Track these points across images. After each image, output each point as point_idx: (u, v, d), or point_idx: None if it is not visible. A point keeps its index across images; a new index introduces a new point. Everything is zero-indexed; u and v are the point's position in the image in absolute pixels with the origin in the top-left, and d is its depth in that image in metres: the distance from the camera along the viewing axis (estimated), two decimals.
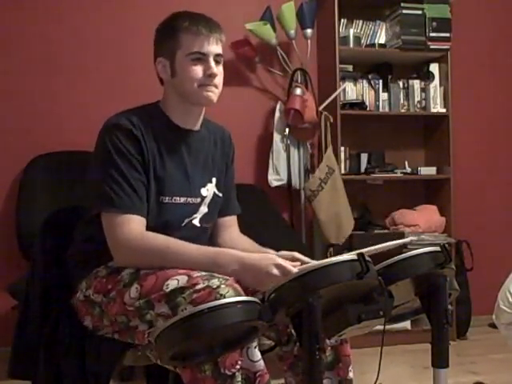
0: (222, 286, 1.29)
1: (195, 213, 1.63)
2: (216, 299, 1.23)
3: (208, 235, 1.72)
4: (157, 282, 1.38)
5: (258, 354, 1.29)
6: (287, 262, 1.39)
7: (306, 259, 1.53)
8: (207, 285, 1.30)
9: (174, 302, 1.31)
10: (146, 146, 1.53)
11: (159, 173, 1.55)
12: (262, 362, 1.29)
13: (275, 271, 1.36)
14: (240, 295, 1.29)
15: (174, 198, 1.57)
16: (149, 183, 1.53)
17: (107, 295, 1.48)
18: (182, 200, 1.59)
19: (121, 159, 1.50)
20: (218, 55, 1.59)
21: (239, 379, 1.24)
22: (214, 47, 1.57)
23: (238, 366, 1.25)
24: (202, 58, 1.56)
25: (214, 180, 1.69)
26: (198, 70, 1.55)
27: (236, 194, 1.84)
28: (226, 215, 1.78)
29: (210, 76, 1.56)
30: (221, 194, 1.72)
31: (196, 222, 1.64)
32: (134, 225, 1.48)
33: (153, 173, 1.54)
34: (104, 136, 1.53)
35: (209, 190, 1.67)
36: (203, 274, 1.36)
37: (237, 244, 1.72)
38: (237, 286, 1.33)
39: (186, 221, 1.61)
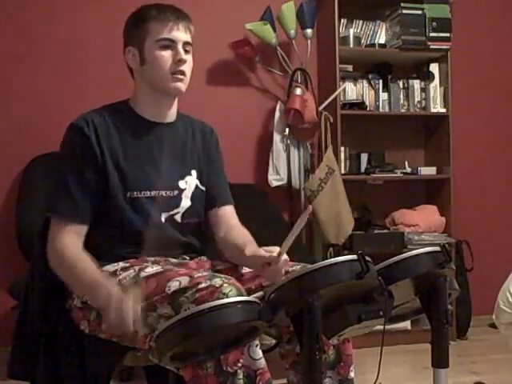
0: (225, 284, 1.29)
1: (176, 207, 1.62)
2: (219, 298, 1.23)
3: (193, 232, 1.69)
4: (158, 285, 1.37)
5: (259, 353, 1.29)
6: (129, 307, 1.30)
7: (268, 257, 1.44)
8: (210, 284, 1.30)
9: (176, 302, 1.31)
10: (99, 143, 1.54)
11: (124, 169, 1.55)
12: (263, 361, 1.29)
13: (112, 315, 1.32)
14: (242, 294, 1.29)
15: (143, 192, 1.56)
16: (107, 182, 1.53)
17: None
18: (154, 193, 1.57)
19: (64, 163, 1.55)
20: (186, 43, 1.59)
21: (241, 377, 1.24)
22: (183, 34, 1.58)
23: (239, 364, 1.25)
24: (170, 45, 1.56)
25: (193, 172, 1.68)
26: (167, 56, 1.56)
27: (228, 186, 1.81)
28: (220, 205, 1.74)
29: (178, 61, 1.56)
30: (203, 188, 1.70)
31: (178, 217, 1.63)
32: (69, 234, 1.50)
33: (115, 169, 1.54)
34: (63, 139, 1.58)
35: (188, 182, 1.65)
36: (205, 273, 1.36)
37: (232, 236, 1.68)
38: (239, 284, 1.33)
39: (166, 216, 1.60)
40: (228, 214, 1.75)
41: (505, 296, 2.10)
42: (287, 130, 3.27)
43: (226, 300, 1.13)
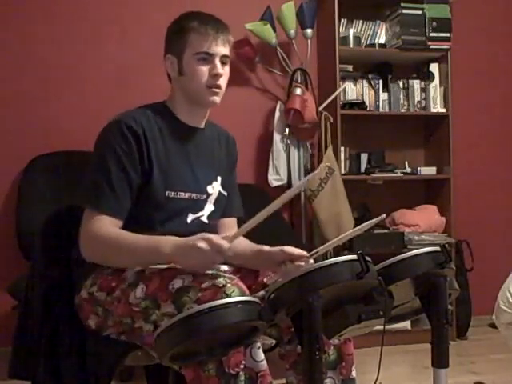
0: (228, 284, 1.30)
1: (201, 210, 1.64)
2: (222, 298, 1.23)
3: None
4: (162, 282, 1.38)
5: (261, 355, 1.29)
6: (218, 237, 1.37)
7: (297, 251, 1.52)
8: (213, 284, 1.30)
9: (179, 301, 1.32)
10: (146, 142, 1.55)
11: (165, 167, 1.57)
12: (264, 363, 1.28)
13: (202, 244, 1.33)
14: (245, 294, 1.29)
15: (179, 193, 1.58)
16: (150, 179, 1.54)
17: (111, 294, 1.48)
18: (187, 195, 1.60)
19: (110, 157, 1.52)
20: (224, 56, 1.61)
21: (242, 379, 1.24)
22: (221, 48, 1.60)
23: (241, 366, 1.25)
24: (208, 59, 1.58)
25: (219, 179, 1.71)
26: (204, 70, 1.58)
27: (240, 196, 1.86)
28: (227, 216, 1.79)
29: (215, 76, 1.58)
30: (226, 193, 1.73)
31: (204, 219, 1.65)
32: (108, 226, 1.49)
33: (158, 168, 1.55)
34: (103, 133, 1.56)
35: (214, 187, 1.69)
36: (208, 272, 1.36)
37: (234, 245, 1.72)
38: (242, 285, 1.33)
39: (192, 217, 1.62)
40: (230, 224, 1.79)
41: (505, 296, 2.10)
42: (287, 129, 3.28)
43: (225, 300, 1.13)
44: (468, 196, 3.68)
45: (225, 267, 1.60)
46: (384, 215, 1.50)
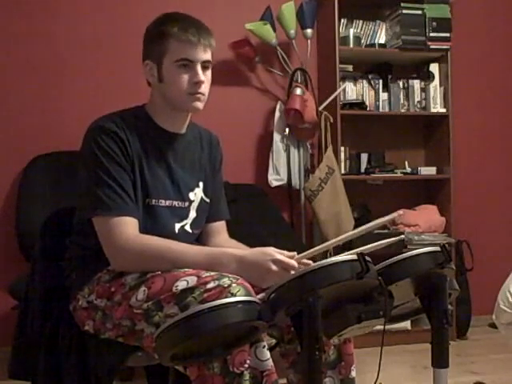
0: (234, 284, 1.29)
1: (185, 218, 1.63)
2: (227, 297, 1.23)
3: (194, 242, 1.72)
4: (165, 284, 1.37)
5: (266, 354, 1.28)
6: (285, 256, 1.40)
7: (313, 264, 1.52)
8: (218, 284, 1.29)
9: (183, 302, 1.30)
10: (130, 147, 1.53)
11: (145, 174, 1.55)
12: (270, 362, 1.28)
13: (274, 267, 1.37)
14: (250, 294, 1.28)
15: (160, 200, 1.57)
16: (135, 184, 1.53)
17: (111, 299, 1.47)
18: (168, 203, 1.58)
19: (109, 162, 1.49)
20: (205, 61, 1.58)
21: (247, 378, 1.23)
22: (202, 54, 1.56)
23: (246, 365, 1.24)
24: (188, 65, 1.55)
25: (201, 184, 1.69)
26: (185, 78, 1.55)
27: (225, 199, 1.83)
28: (216, 220, 1.77)
29: (196, 84, 1.56)
30: (208, 200, 1.71)
31: (188, 228, 1.64)
32: (129, 227, 1.47)
33: (139, 174, 1.54)
34: (89, 139, 1.53)
35: (196, 194, 1.67)
36: (212, 273, 1.35)
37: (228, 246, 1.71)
38: (247, 284, 1.32)
39: (178, 226, 1.61)
40: (219, 228, 1.78)
41: (505, 296, 2.10)
42: (287, 129, 3.28)
43: (225, 300, 1.13)
44: (468, 196, 3.68)
45: None
46: (403, 236, 1.50)
